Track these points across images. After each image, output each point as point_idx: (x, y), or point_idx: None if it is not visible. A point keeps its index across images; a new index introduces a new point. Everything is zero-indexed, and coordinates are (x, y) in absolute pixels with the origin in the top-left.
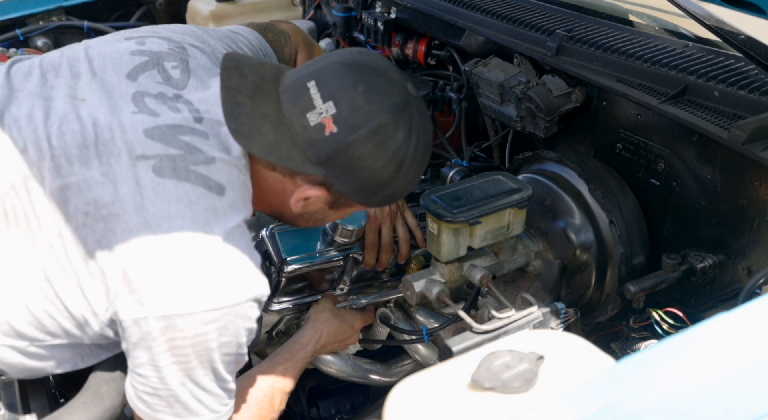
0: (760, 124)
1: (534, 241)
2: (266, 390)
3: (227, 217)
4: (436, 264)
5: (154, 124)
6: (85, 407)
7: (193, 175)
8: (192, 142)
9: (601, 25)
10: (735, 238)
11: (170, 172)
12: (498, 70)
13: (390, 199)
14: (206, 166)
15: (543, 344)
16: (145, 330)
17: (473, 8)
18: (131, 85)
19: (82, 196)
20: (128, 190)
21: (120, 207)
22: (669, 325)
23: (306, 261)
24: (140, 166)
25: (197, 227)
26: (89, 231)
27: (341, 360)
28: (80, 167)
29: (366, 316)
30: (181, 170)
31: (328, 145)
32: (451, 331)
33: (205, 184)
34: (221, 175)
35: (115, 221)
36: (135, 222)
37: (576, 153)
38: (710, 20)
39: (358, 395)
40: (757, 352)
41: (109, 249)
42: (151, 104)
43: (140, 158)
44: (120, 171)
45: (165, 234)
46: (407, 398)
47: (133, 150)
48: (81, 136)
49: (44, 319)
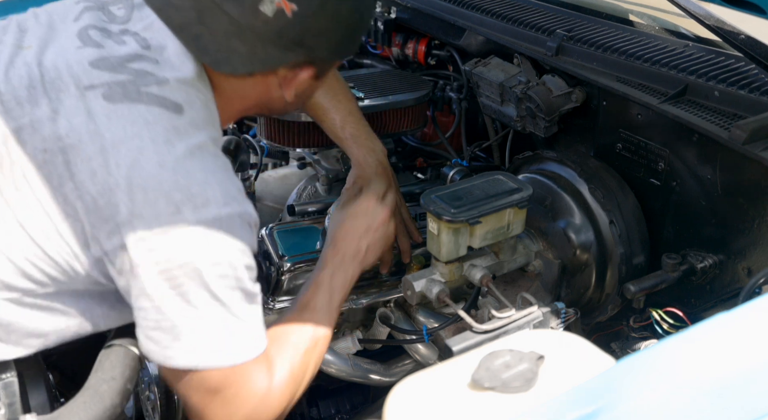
0: (760, 124)
1: (534, 241)
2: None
3: (189, 134)
4: (436, 264)
5: (100, 56)
6: (85, 407)
7: (146, 97)
8: (141, 68)
9: (601, 25)
10: (735, 238)
11: (121, 96)
12: (498, 70)
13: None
14: (159, 87)
15: (543, 344)
16: (127, 258)
17: (473, 8)
18: (75, 25)
19: (36, 134)
20: (80, 120)
21: (75, 137)
22: (669, 324)
23: (305, 260)
24: (89, 95)
25: (158, 146)
26: (51, 167)
27: (341, 360)
28: (30, 107)
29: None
30: (133, 93)
31: (295, 24)
32: (451, 330)
33: (160, 103)
34: (177, 95)
35: (73, 153)
36: (92, 149)
37: (576, 153)
38: (710, 20)
39: (358, 395)
40: (758, 352)
41: (74, 182)
42: (96, 37)
43: (88, 88)
44: (70, 104)
45: (125, 157)
46: (407, 398)
47: (80, 82)
48: (28, 78)
49: (27, 268)
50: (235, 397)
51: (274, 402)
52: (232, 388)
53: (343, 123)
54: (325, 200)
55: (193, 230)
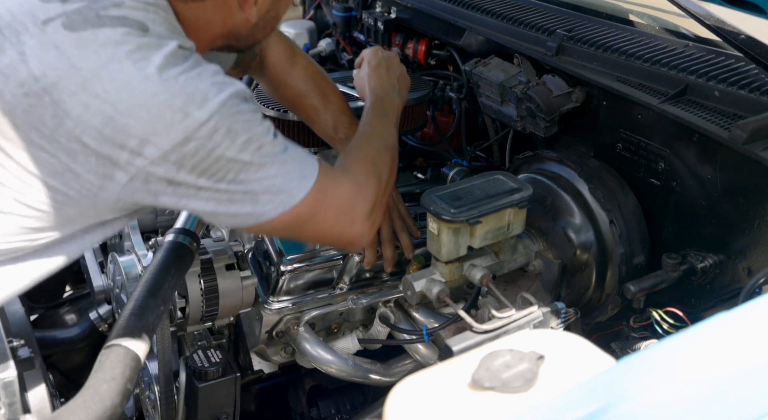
0: (761, 123)
1: (534, 241)
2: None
3: (160, 46)
4: (436, 264)
5: None
6: (86, 407)
7: (108, 19)
8: None
9: (602, 24)
10: (735, 238)
11: (82, 23)
12: (498, 70)
13: None
14: (117, 8)
15: (543, 344)
16: (162, 174)
17: (473, 8)
18: None
19: (11, 81)
20: (50, 55)
21: (53, 75)
22: (669, 324)
23: (305, 260)
24: (49, 29)
25: (137, 63)
26: (41, 110)
27: (341, 360)
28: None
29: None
30: (92, 18)
31: None
32: (451, 330)
33: (123, 23)
34: (137, 13)
35: (57, 91)
36: (75, 83)
37: (576, 153)
38: (710, 20)
39: (358, 395)
40: (758, 351)
41: (71, 118)
42: None
43: (46, 22)
44: (34, 42)
45: (110, 82)
46: (407, 398)
47: (36, 18)
48: None
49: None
50: (331, 204)
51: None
52: (325, 200)
53: (336, 123)
54: None
55: (209, 126)
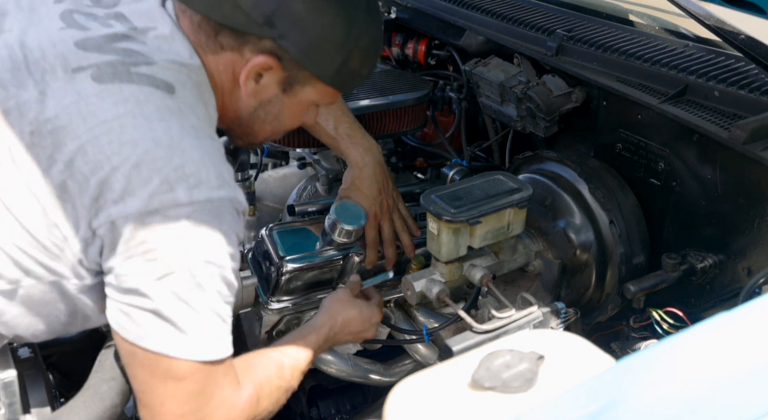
0: (760, 123)
1: (534, 241)
2: (274, 359)
3: (183, 115)
4: (436, 264)
5: (85, 37)
6: (86, 406)
7: (137, 77)
8: (129, 47)
9: (601, 25)
10: (735, 238)
11: (111, 76)
12: (498, 70)
13: (346, 77)
14: (149, 67)
15: (543, 344)
16: (115, 234)
17: (473, 8)
18: (58, 7)
19: (23, 117)
20: (70, 100)
21: (65, 119)
22: (669, 325)
23: (305, 260)
24: (78, 77)
25: (152, 123)
26: (39, 149)
27: (341, 360)
28: (16, 90)
29: (380, 305)
30: (123, 73)
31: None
32: (451, 330)
33: (151, 83)
34: (167, 74)
35: (62, 134)
36: (84, 129)
37: (576, 153)
38: (710, 20)
39: (358, 395)
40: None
41: (63, 162)
42: (81, 20)
43: (77, 70)
44: (58, 86)
45: (119, 134)
46: (407, 398)
47: (67, 64)
48: (10, 60)
49: (16, 255)
50: (199, 395)
51: (234, 414)
52: (198, 384)
53: (337, 123)
54: (325, 200)
55: (183, 211)
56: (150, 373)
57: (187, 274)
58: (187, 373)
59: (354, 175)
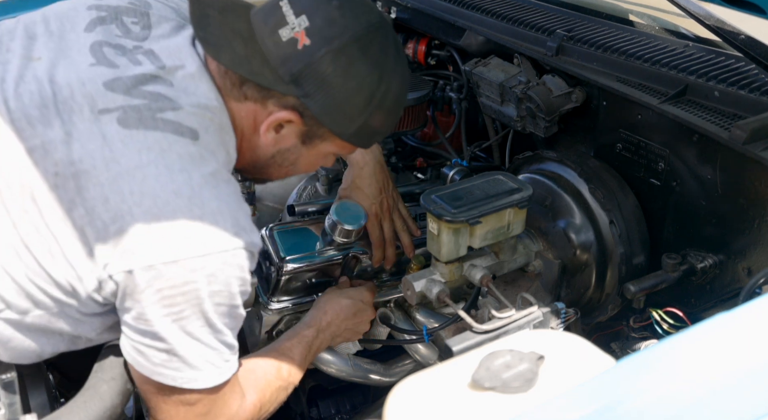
0: (760, 123)
1: (534, 241)
2: (272, 360)
3: (205, 161)
4: (436, 264)
5: (114, 76)
6: (86, 406)
7: (162, 123)
8: (156, 91)
9: (601, 25)
10: (735, 238)
11: (136, 122)
12: (498, 70)
13: (366, 135)
14: (174, 113)
15: (543, 344)
16: (131, 283)
17: (473, 8)
18: (88, 37)
19: (48, 157)
20: (95, 145)
21: (89, 163)
22: (669, 325)
23: (305, 260)
24: (104, 119)
25: (173, 174)
26: (62, 192)
27: (341, 360)
28: (42, 128)
29: (371, 287)
30: (148, 119)
31: (301, 59)
32: (451, 330)
33: (175, 130)
34: (192, 119)
35: (85, 178)
36: (106, 176)
37: (576, 153)
38: (710, 20)
39: (358, 395)
40: (758, 352)
41: (85, 207)
42: (110, 55)
43: (103, 112)
44: (84, 127)
45: (140, 184)
46: (407, 398)
47: (94, 105)
48: (39, 96)
49: (29, 288)
50: (208, 414)
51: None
52: (208, 406)
53: None
54: (325, 200)
55: (200, 262)
56: (163, 400)
57: (201, 317)
58: (198, 399)
59: (354, 174)
